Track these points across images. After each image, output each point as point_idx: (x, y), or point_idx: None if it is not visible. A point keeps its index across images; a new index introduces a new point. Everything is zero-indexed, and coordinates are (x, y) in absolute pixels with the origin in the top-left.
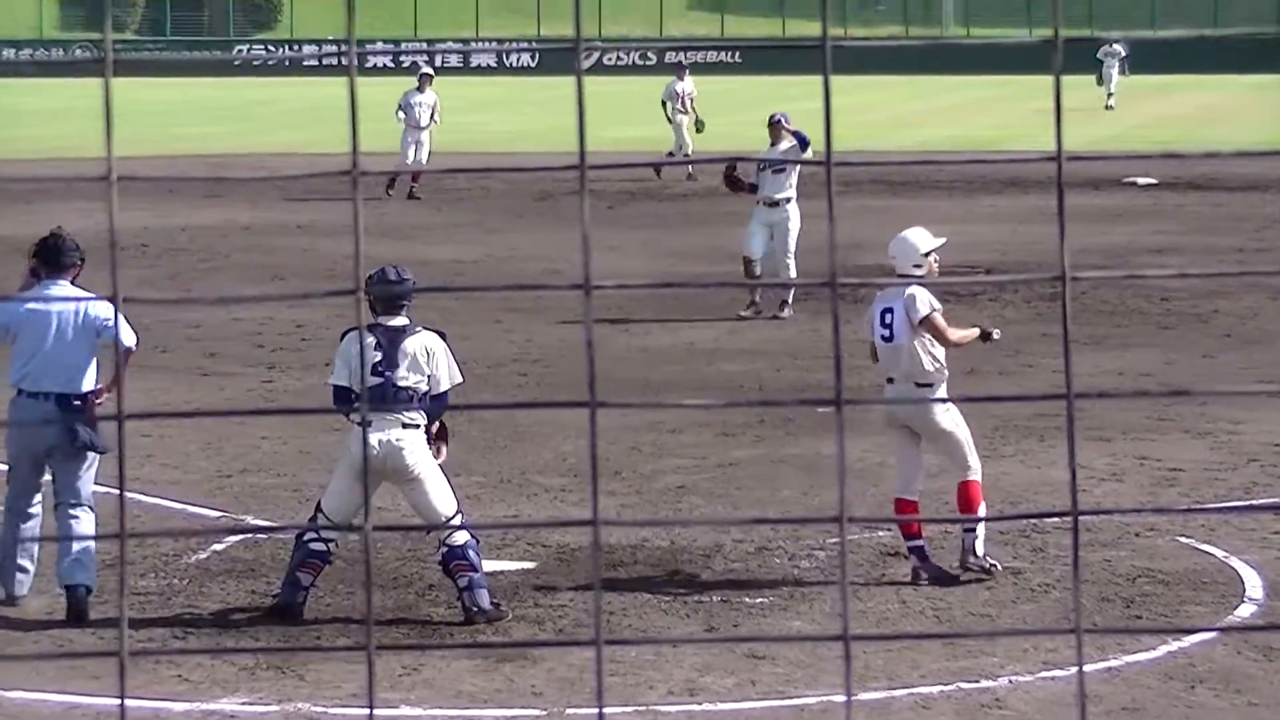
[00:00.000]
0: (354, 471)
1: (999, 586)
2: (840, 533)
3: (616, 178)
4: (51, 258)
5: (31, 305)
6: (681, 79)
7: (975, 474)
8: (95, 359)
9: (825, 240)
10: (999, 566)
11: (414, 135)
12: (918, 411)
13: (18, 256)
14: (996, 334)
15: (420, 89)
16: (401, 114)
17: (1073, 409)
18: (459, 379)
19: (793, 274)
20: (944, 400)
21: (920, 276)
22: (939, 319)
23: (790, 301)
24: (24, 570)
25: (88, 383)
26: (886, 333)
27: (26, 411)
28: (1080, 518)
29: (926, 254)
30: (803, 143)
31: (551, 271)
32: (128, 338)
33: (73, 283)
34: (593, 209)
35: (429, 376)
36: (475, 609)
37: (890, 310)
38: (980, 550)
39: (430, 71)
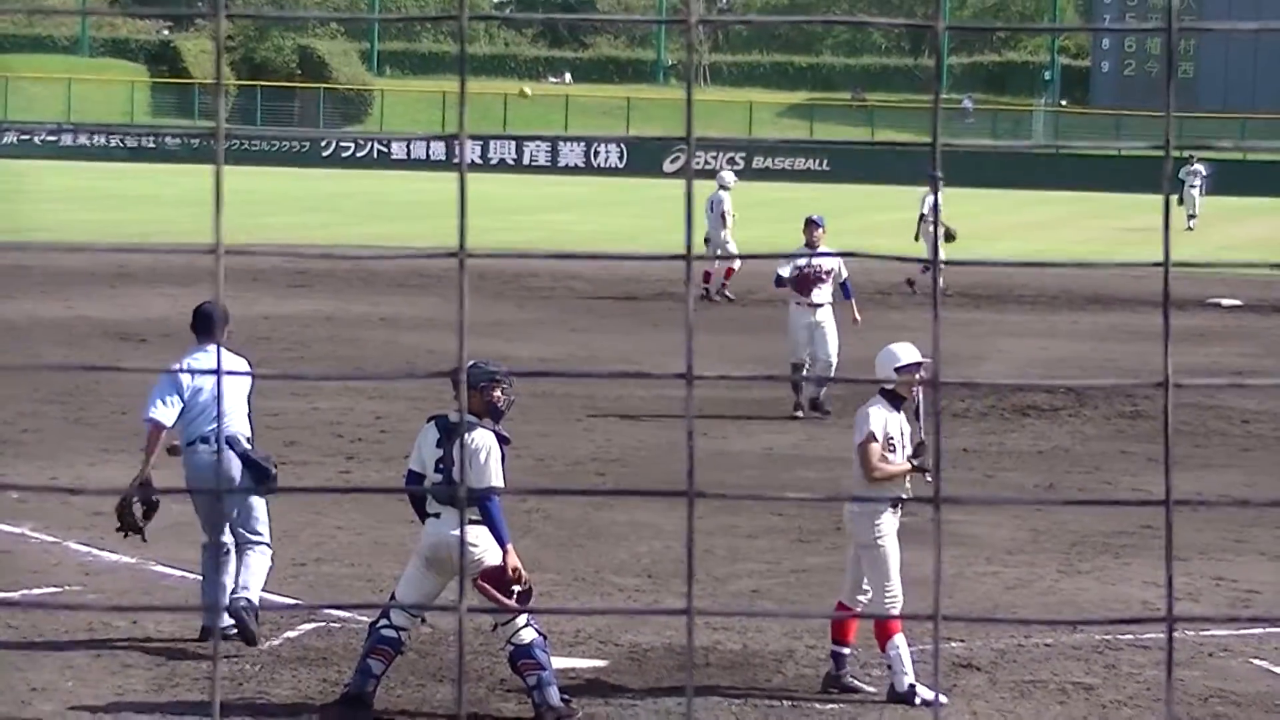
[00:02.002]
0: (426, 562)
1: (1071, 703)
2: (934, 631)
3: (696, 282)
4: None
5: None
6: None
7: (894, 607)
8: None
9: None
10: (921, 698)
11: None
12: (849, 518)
13: (109, 339)
14: (927, 477)
15: (726, 189)
16: (721, 216)
17: (1171, 514)
18: (490, 482)
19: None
20: (878, 515)
21: (892, 390)
22: (871, 447)
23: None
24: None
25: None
26: None
27: None
28: (1163, 631)
29: (901, 368)
30: (847, 292)
31: (636, 372)
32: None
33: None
34: (674, 310)
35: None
36: (545, 706)
37: None
38: (902, 686)
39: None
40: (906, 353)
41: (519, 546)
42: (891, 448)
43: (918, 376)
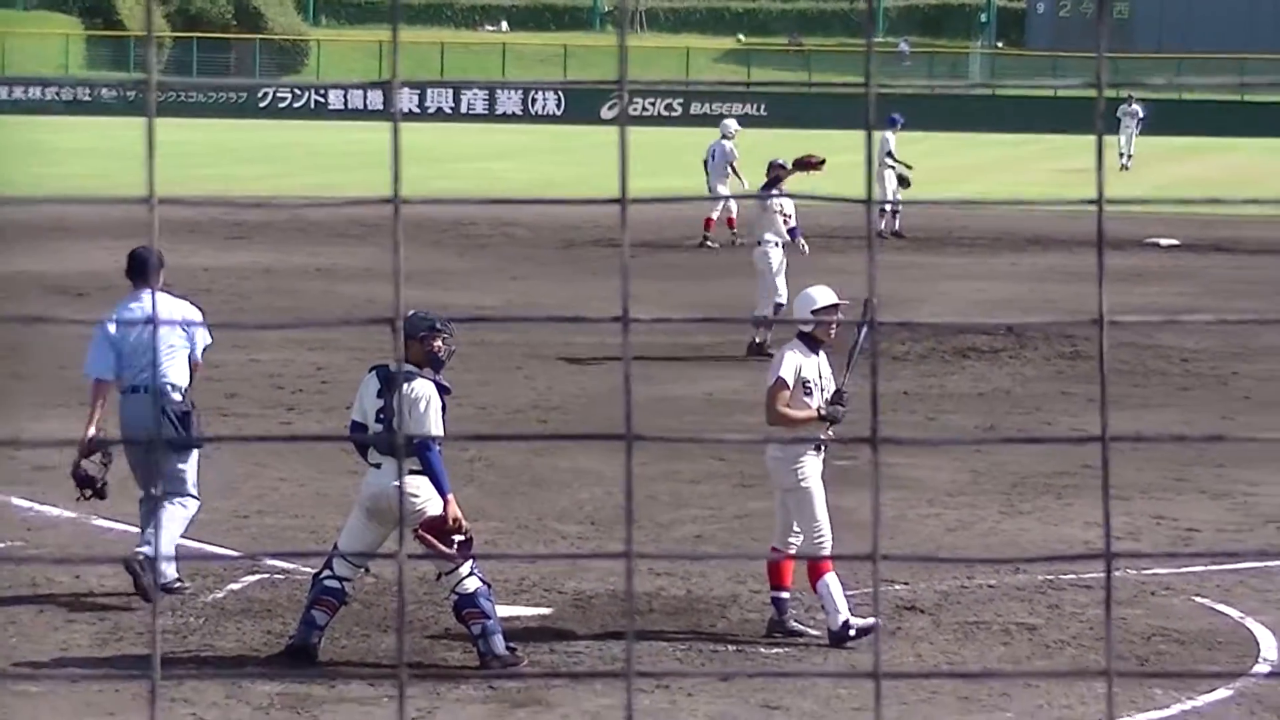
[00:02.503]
0: (368, 513)
1: (1014, 643)
2: (874, 571)
3: (637, 228)
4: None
5: None
6: (894, 132)
7: (825, 546)
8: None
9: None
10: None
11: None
12: (770, 463)
13: (47, 293)
14: (829, 432)
15: (729, 137)
16: (727, 165)
17: (1107, 451)
18: (430, 431)
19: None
20: (798, 457)
21: (808, 332)
22: (780, 393)
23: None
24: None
25: None
26: None
27: None
28: (1105, 568)
29: (818, 310)
30: (794, 234)
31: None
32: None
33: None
34: (613, 258)
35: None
36: (490, 655)
37: None
38: (836, 624)
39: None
40: (823, 295)
41: (461, 496)
42: (809, 391)
43: (836, 319)
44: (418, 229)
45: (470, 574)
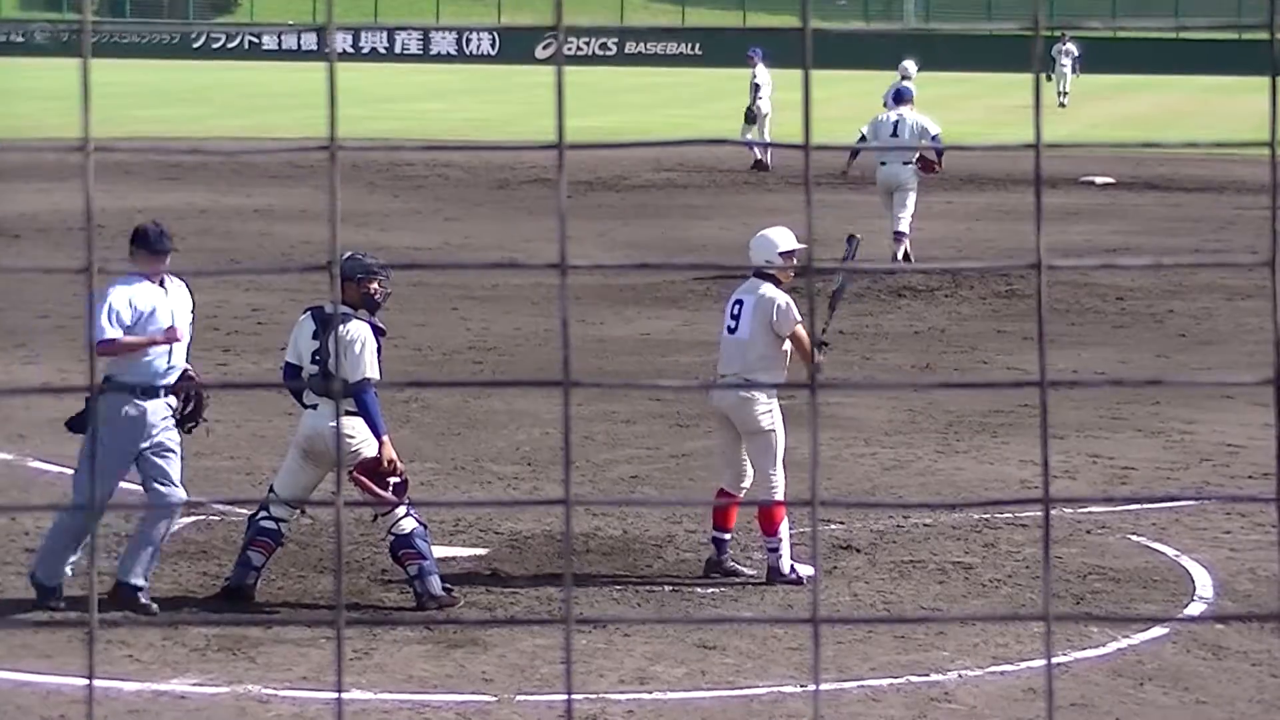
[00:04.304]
0: (303, 453)
1: (950, 582)
2: (813, 515)
3: (573, 168)
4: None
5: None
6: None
7: (778, 492)
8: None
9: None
10: (803, 578)
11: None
12: (738, 405)
13: None
14: (820, 357)
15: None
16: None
17: (1045, 395)
18: (366, 374)
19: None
20: (768, 401)
21: (771, 275)
22: (803, 332)
23: None
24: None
25: None
26: (733, 324)
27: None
28: (1044, 511)
29: (783, 254)
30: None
31: (510, 261)
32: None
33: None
34: (547, 199)
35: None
36: (426, 595)
37: (741, 303)
38: (786, 568)
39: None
40: (785, 239)
41: (397, 436)
42: None
43: (794, 263)
44: (354, 170)
45: (406, 515)
